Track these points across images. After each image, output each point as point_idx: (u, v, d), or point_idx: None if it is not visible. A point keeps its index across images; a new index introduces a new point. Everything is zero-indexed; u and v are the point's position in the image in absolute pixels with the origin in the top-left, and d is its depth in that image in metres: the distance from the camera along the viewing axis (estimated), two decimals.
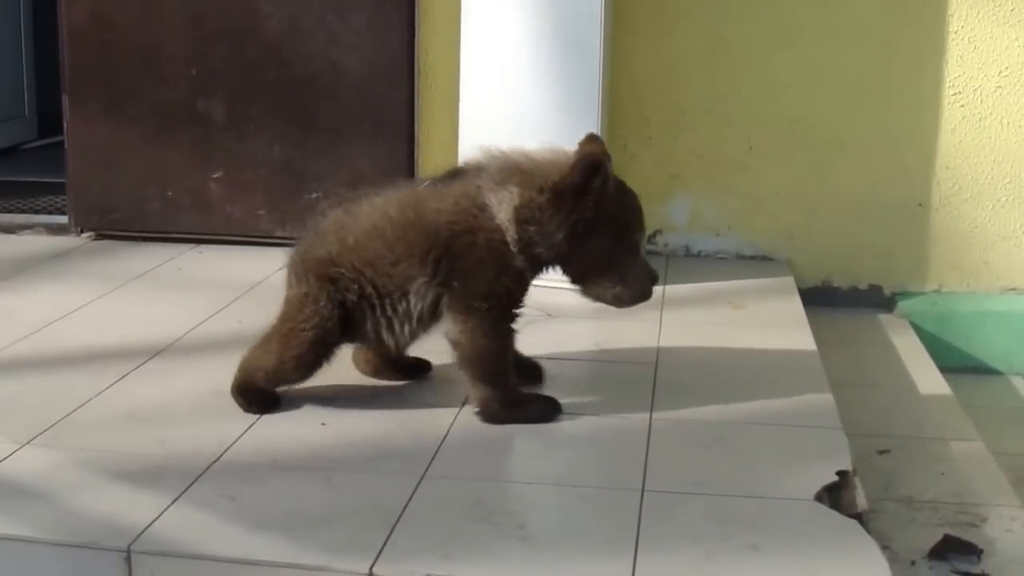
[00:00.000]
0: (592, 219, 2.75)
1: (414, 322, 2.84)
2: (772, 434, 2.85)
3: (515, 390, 2.89)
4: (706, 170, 4.49)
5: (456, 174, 2.88)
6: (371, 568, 2.14)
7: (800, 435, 2.86)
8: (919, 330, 4.40)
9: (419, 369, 3.15)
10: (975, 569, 2.63)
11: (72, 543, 2.26)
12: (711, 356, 3.41)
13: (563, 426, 2.86)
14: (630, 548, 2.26)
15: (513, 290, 2.82)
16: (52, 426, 2.80)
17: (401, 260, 2.78)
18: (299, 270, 2.88)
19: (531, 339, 3.15)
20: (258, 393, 2.90)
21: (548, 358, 3.21)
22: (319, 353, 2.86)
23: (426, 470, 2.59)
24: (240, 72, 4.54)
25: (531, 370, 3.07)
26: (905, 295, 4.55)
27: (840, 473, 2.62)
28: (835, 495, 2.56)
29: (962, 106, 4.41)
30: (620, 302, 2.89)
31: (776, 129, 4.47)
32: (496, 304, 2.79)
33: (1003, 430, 3.91)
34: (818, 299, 4.44)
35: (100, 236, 4.70)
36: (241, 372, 2.91)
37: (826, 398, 3.07)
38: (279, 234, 4.54)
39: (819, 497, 2.52)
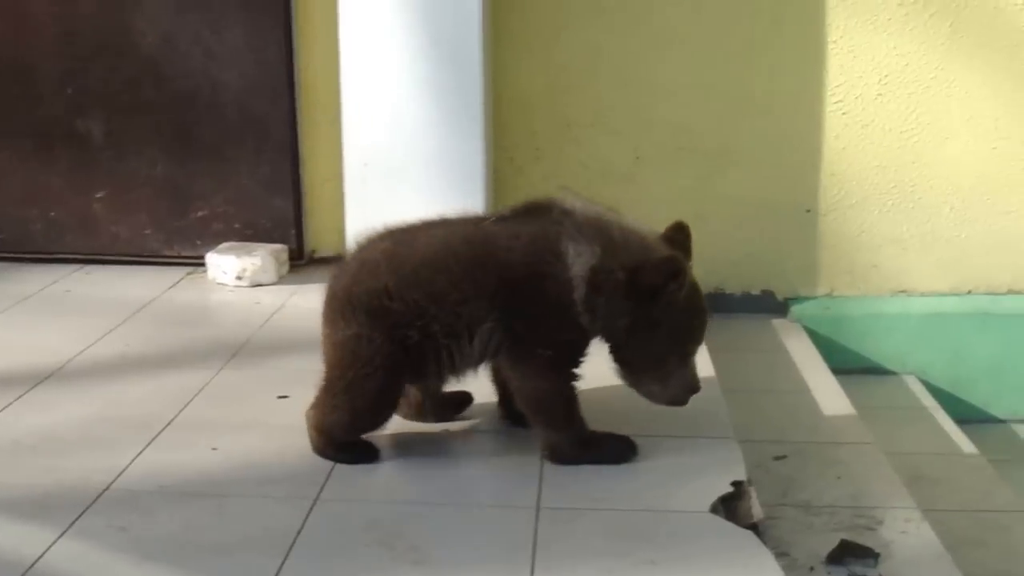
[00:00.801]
0: (657, 319, 2.66)
1: (476, 363, 2.72)
2: (667, 446, 2.83)
3: (585, 430, 2.76)
4: (594, 180, 4.47)
5: (531, 211, 2.72)
6: None
7: (695, 446, 2.85)
8: (812, 334, 4.44)
9: (464, 403, 3.01)
10: (872, 573, 2.65)
11: None
12: (605, 367, 3.38)
13: (456, 443, 2.83)
14: (526, 568, 2.24)
15: (576, 342, 2.70)
16: None
17: (469, 300, 2.61)
18: (345, 308, 2.67)
19: None
20: (349, 446, 2.74)
21: None
22: (393, 395, 2.70)
23: (319, 492, 2.54)
24: (117, 90, 4.46)
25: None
26: (797, 300, 4.58)
27: (735, 483, 2.62)
28: (730, 506, 2.55)
29: (844, 113, 4.45)
30: (653, 398, 2.79)
31: (662, 138, 4.48)
32: (559, 352, 2.68)
33: (897, 430, 3.97)
34: (711, 306, 4.32)
35: None
36: (318, 432, 2.74)
37: (720, 408, 3.07)
38: (167, 253, 4.50)
39: (715, 509, 2.51)
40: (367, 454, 2.73)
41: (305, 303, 4.01)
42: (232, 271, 4.20)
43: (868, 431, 3.47)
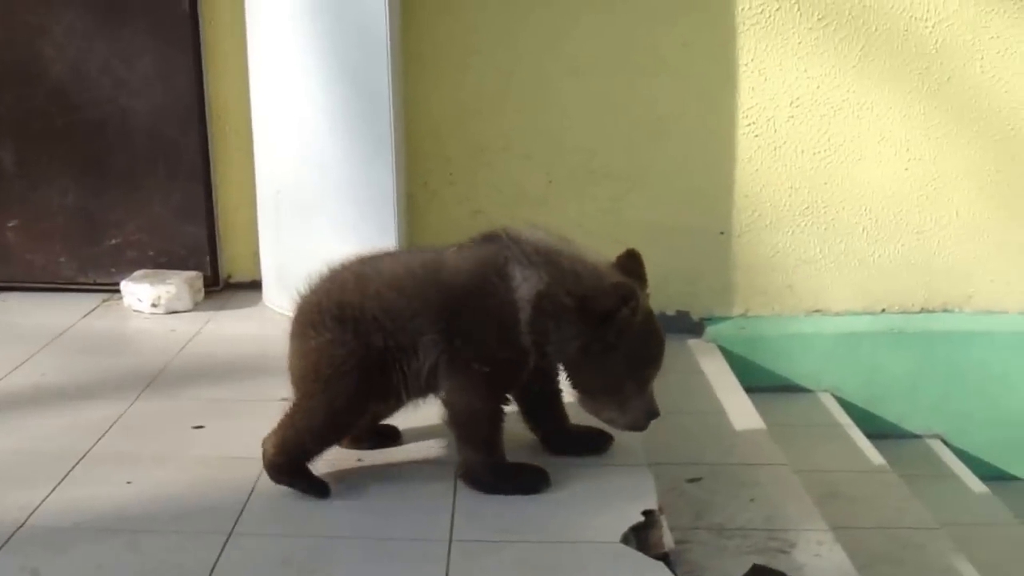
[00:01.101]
0: (612, 344, 2.73)
1: (422, 381, 2.75)
2: (578, 475, 2.84)
3: (502, 458, 2.80)
4: (508, 204, 4.48)
5: (486, 239, 2.81)
6: None
7: (606, 474, 2.86)
8: (728, 354, 4.46)
9: (395, 436, 3.06)
10: None
11: None
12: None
13: (371, 476, 2.82)
14: None
15: (515, 363, 2.75)
16: None
17: (417, 315, 2.71)
18: (315, 319, 2.77)
19: None
20: (304, 474, 2.75)
21: None
22: (367, 395, 2.74)
23: (233, 527, 2.53)
24: (27, 118, 4.42)
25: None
26: (712, 320, 4.61)
27: (646, 512, 2.63)
28: (642, 535, 2.57)
29: (757, 136, 4.48)
30: (612, 423, 2.87)
31: (574, 162, 4.49)
32: (496, 371, 2.73)
33: (812, 448, 4.00)
34: None
35: None
36: (279, 451, 2.74)
37: (632, 433, 3.03)
38: (82, 280, 4.47)
39: (626, 539, 2.53)
40: (319, 488, 2.73)
41: (221, 330, 4.01)
42: (147, 299, 4.17)
43: (782, 451, 3.48)
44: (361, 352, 2.70)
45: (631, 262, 2.89)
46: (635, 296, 2.72)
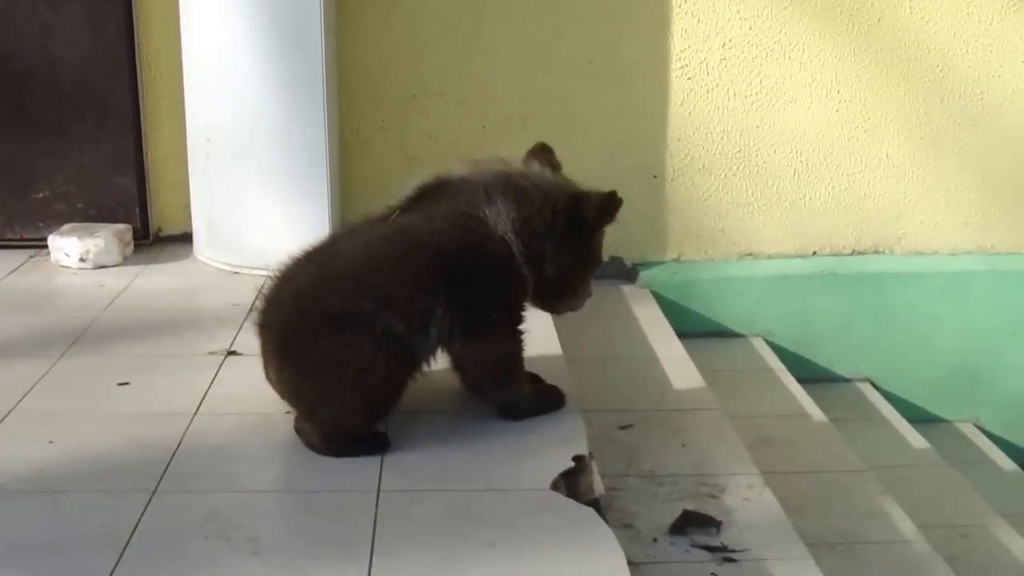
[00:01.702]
0: (590, 245, 2.85)
1: (436, 347, 2.73)
2: (509, 423, 2.83)
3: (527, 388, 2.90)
4: (441, 151, 4.46)
5: (427, 193, 2.76)
6: None
7: (537, 421, 2.86)
8: (660, 299, 4.48)
9: None
10: (714, 542, 2.68)
11: None
12: None
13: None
14: (365, 553, 2.24)
15: (522, 296, 2.79)
16: None
17: (414, 295, 2.63)
18: (302, 339, 2.64)
19: None
20: (361, 438, 2.70)
21: None
22: (401, 375, 2.69)
23: (158, 484, 2.51)
24: None
25: None
26: (645, 265, 4.61)
27: (576, 458, 2.64)
28: (572, 481, 2.56)
29: (689, 79, 4.48)
30: (570, 311, 2.98)
31: (508, 107, 4.47)
32: (512, 312, 2.77)
33: (744, 393, 4.03)
34: None
35: None
36: (325, 438, 2.68)
37: (563, 381, 3.06)
38: (8, 236, 4.40)
39: (555, 485, 2.53)
40: (380, 443, 2.70)
41: (150, 284, 3.97)
42: (75, 253, 4.11)
43: (714, 397, 3.51)
44: (372, 344, 2.60)
45: (546, 153, 2.95)
46: (614, 196, 2.79)
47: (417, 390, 2.76)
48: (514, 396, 2.85)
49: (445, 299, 2.65)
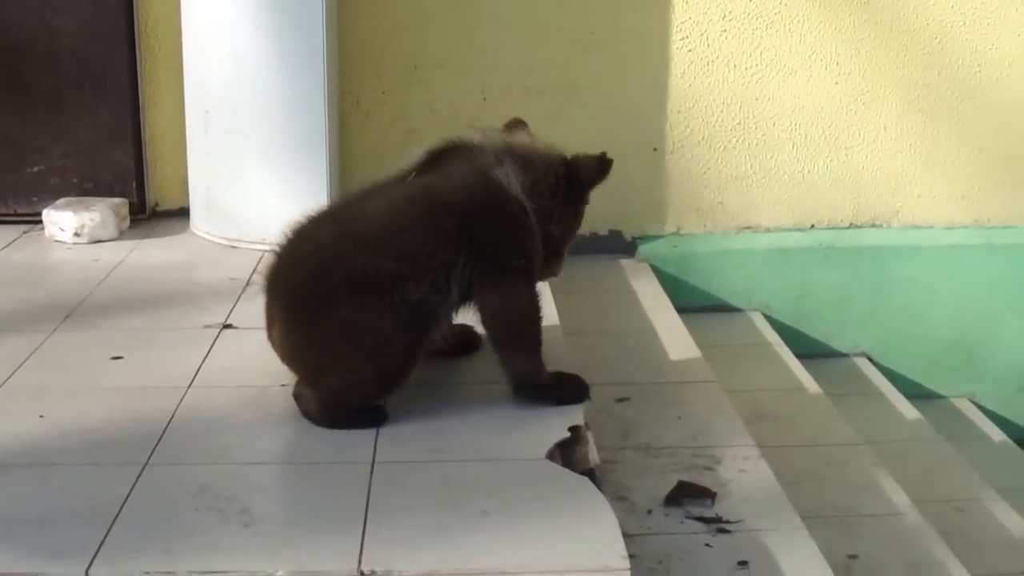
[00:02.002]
0: (580, 211, 2.92)
1: (457, 305, 2.76)
2: (505, 393, 2.81)
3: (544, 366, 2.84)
4: (442, 123, 4.45)
5: (440, 157, 2.80)
6: (87, 570, 2.07)
7: None
8: (660, 272, 4.48)
9: (472, 345, 3.08)
10: (709, 513, 2.69)
11: None
12: None
13: (292, 404, 2.76)
14: (358, 524, 2.23)
15: (538, 250, 2.81)
16: None
17: (437, 251, 2.64)
18: (319, 299, 2.63)
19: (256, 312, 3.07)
20: (361, 410, 2.69)
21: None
22: (416, 349, 2.67)
23: (149, 457, 2.50)
24: None
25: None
26: (645, 239, 4.61)
27: (572, 429, 2.63)
28: (568, 452, 2.56)
29: (690, 51, 4.47)
30: (552, 276, 3.01)
31: (509, 79, 4.47)
32: (531, 260, 2.79)
33: (741, 367, 4.03)
34: None
35: None
36: (326, 404, 2.67)
37: (561, 352, 3.05)
38: (2, 211, 4.38)
39: (551, 455, 2.52)
40: (378, 416, 2.69)
41: (146, 258, 3.97)
42: (70, 228, 4.10)
43: (711, 370, 3.51)
44: (392, 312, 2.60)
45: (523, 127, 2.98)
46: (605, 157, 2.87)
47: None
48: (532, 367, 2.79)
49: (466, 252, 2.67)
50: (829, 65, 4.51)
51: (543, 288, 2.96)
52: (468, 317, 2.84)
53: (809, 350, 4.49)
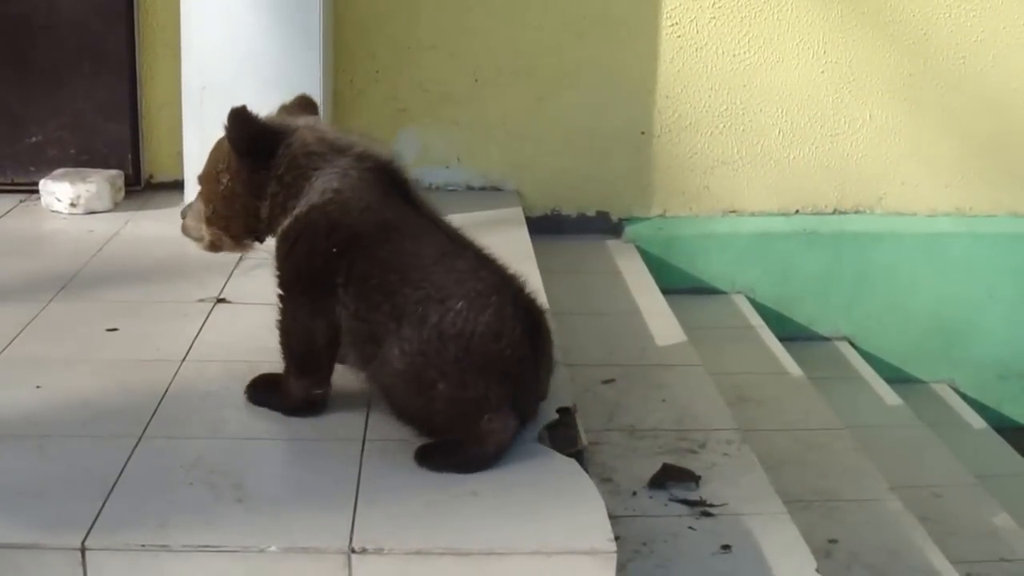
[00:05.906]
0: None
1: None
2: None
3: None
4: (433, 103, 4.49)
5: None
6: (83, 542, 2.10)
7: None
8: (645, 254, 4.51)
9: None
10: (693, 496, 2.72)
11: None
12: None
13: None
14: (349, 502, 2.26)
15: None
16: None
17: None
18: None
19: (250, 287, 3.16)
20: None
21: (261, 304, 3.04)
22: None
23: (144, 430, 2.53)
24: None
25: None
26: (631, 220, 4.65)
27: (560, 410, 2.66)
28: (556, 434, 2.59)
29: (679, 36, 4.50)
30: None
31: (500, 61, 4.50)
32: None
33: (725, 350, 4.07)
34: (548, 227, 4.52)
35: None
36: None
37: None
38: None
39: (539, 437, 2.55)
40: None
41: (140, 230, 3.99)
42: (66, 198, 4.12)
43: (696, 353, 3.54)
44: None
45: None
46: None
47: None
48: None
49: None
50: (816, 53, 4.55)
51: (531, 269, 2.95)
52: None
53: (792, 333, 4.54)
